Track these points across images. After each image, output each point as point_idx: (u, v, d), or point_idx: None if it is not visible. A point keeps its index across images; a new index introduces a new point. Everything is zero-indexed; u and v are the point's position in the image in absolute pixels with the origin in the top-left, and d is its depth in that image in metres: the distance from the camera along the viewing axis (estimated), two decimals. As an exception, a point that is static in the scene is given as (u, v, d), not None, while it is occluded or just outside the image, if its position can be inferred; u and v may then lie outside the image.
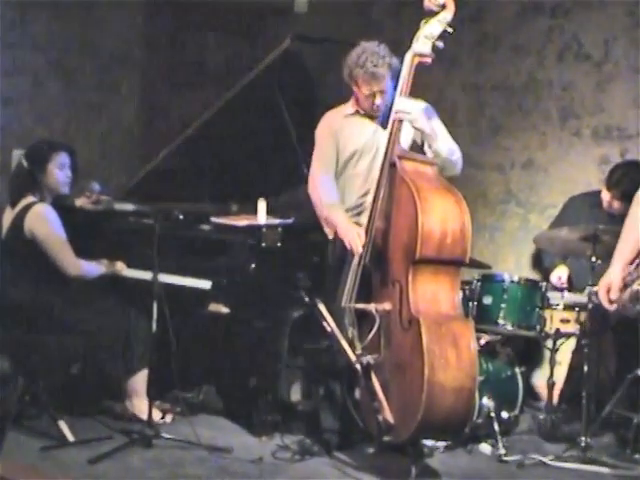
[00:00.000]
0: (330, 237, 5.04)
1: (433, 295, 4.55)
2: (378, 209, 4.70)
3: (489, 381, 5.23)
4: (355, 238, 4.78)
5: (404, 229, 4.57)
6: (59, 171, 5.35)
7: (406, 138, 4.88)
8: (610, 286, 4.25)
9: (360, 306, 4.69)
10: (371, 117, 5.01)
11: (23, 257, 5.25)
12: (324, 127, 5.12)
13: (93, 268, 5.40)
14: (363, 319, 4.72)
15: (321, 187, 5.06)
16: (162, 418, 5.27)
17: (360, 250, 4.76)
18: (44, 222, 5.25)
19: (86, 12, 6.99)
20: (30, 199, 5.28)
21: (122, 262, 5.52)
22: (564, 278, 5.92)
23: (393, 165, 4.68)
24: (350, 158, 5.02)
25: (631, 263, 4.28)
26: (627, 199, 5.61)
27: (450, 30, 4.69)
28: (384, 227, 4.70)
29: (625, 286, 4.25)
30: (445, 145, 4.87)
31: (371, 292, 4.75)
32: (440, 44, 4.70)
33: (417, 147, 4.92)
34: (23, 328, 5.16)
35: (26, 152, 5.42)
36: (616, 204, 5.72)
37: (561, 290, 5.77)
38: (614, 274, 4.26)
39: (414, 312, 4.49)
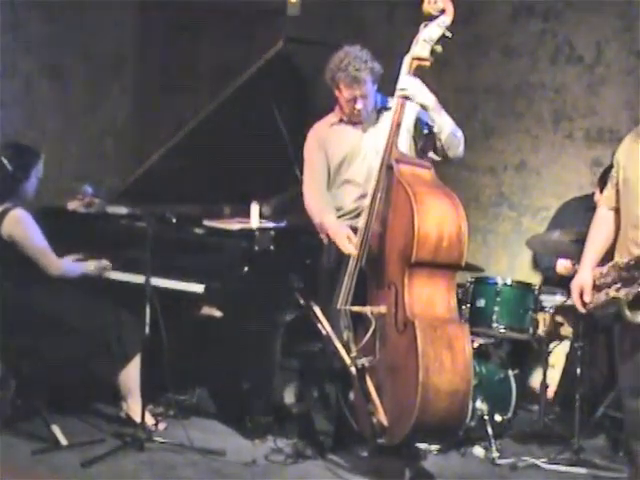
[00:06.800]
0: (325, 242, 5.03)
1: (429, 298, 4.54)
2: (375, 212, 4.70)
3: (482, 384, 5.24)
4: (344, 239, 4.79)
5: (401, 232, 4.57)
6: (36, 179, 5.27)
7: (409, 121, 4.86)
8: (583, 289, 4.21)
9: (356, 309, 4.68)
10: (356, 123, 5.01)
11: (6, 260, 5.18)
12: (311, 140, 5.12)
13: (75, 266, 5.32)
14: (358, 322, 4.72)
15: (314, 198, 5.07)
16: (155, 424, 5.23)
17: (349, 250, 4.76)
18: (22, 227, 5.16)
19: (79, 14, 6.98)
20: (6, 204, 5.16)
21: (107, 260, 5.44)
22: (569, 265, 5.80)
23: (390, 168, 4.68)
24: (340, 165, 5.02)
25: (599, 265, 4.23)
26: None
27: (449, 34, 4.71)
28: (381, 230, 4.69)
29: (597, 288, 4.20)
30: (450, 120, 4.85)
31: (367, 295, 4.75)
32: (439, 48, 4.71)
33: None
34: (15, 331, 5.10)
35: (10, 155, 5.21)
36: None
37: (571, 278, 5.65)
38: (585, 277, 4.22)
39: (409, 315, 4.49)
